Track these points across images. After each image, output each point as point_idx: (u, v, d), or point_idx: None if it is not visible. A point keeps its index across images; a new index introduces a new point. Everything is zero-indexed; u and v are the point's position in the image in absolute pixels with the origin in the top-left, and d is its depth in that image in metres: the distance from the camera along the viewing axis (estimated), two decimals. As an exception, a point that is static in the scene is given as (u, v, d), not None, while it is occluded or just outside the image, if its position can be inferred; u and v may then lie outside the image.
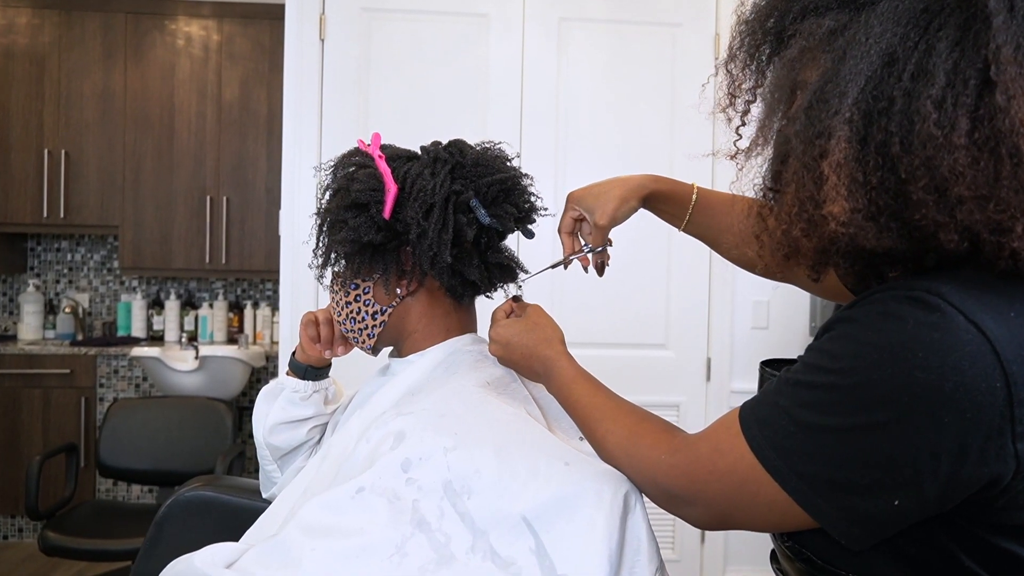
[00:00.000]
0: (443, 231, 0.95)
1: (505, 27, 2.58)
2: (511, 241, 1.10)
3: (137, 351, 3.35)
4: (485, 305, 1.08)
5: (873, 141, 0.58)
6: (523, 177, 1.03)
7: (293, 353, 1.17)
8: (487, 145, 1.04)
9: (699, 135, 2.55)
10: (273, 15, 3.49)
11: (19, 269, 3.80)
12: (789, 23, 0.66)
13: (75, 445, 2.82)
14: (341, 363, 1.20)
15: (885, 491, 0.59)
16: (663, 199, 1.12)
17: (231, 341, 3.72)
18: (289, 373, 1.16)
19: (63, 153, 3.49)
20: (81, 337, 3.68)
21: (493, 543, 0.78)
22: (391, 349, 1.12)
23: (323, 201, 1.04)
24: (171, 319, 3.73)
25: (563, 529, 0.78)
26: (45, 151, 3.48)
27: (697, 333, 2.64)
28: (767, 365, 0.86)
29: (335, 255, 1.03)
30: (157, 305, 3.82)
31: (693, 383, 2.64)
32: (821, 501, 0.62)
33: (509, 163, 1.04)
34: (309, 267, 1.06)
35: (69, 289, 3.88)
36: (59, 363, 3.41)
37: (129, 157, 3.54)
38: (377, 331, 1.05)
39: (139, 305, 3.74)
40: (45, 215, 3.49)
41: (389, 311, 1.03)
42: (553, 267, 1.13)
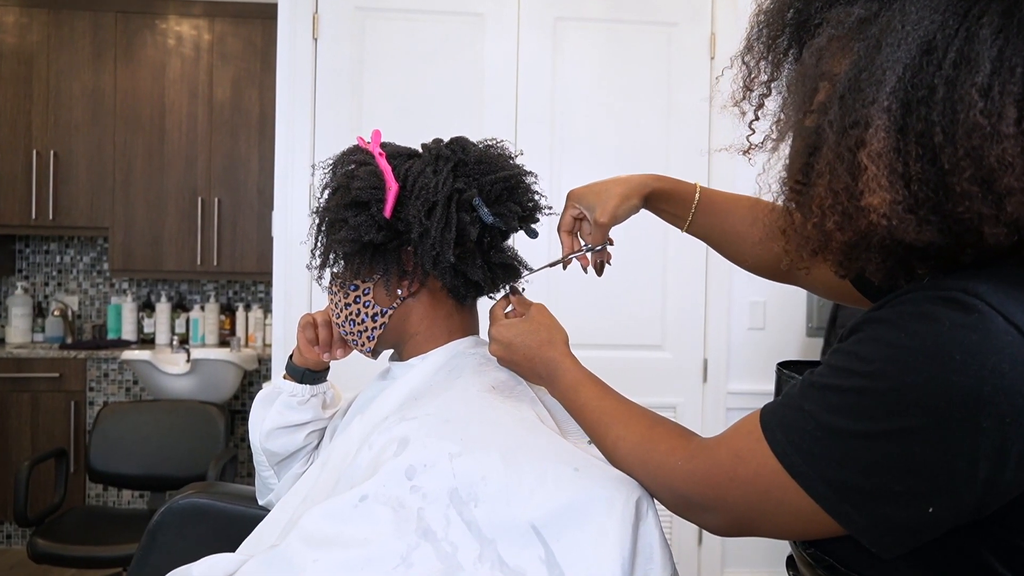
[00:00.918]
0: (446, 230, 0.92)
1: (500, 26, 2.56)
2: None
3: (128, 354, 3.31)
4: (485, 305, 1.06)
5: (913, 131, 0.56)
6: (527, 175, 1.01)
7: (290, 356, 1.14)
8: (490, 143, 1.02)
9: (696, 134, 2.56)
10: (265, 14, 3.46)
11: (7, 271, 3.75)
12: (815, 11, 0.64)
13: (64, 450, 2.79)
14: (339, 366, 1.18)
15: (919, 498, 0.57)
16: (665, 198, 1.10)
17: (223, 344, 3.68)
18: (286, 377, 1.13)
19: (52, 154, 3.45)
20: (70, 340, 3.63)
21: (501, 552, 0.75)
22: (391, 352, 1.09)
23: (321, 200, 1.01)
24: (162, 322, 3.69)
25: (573, 537, 0.76)
26: (34, 151, 3.44)
27: (693, 334, 2.62)
28: (784, 367, 0.84)
29: (334, 255, 1.01)
30: (148, 307, 3.77)
31: (690, 384, 2.62)
32: (850, 508, 0.60)
33: (512, 161, 1.02)
34: (307, 268, 1.03)
35: (58, 291, 3.83)
36: (48, 366, 3.36)
37: (119, 158, 3.50)
38: (377, 333, 1.02)
39: (129, 308, 3.70)
40: (34, 216, 3.44)
41: (389, 313, 1.01)
42: (551, 266, 1.10)
